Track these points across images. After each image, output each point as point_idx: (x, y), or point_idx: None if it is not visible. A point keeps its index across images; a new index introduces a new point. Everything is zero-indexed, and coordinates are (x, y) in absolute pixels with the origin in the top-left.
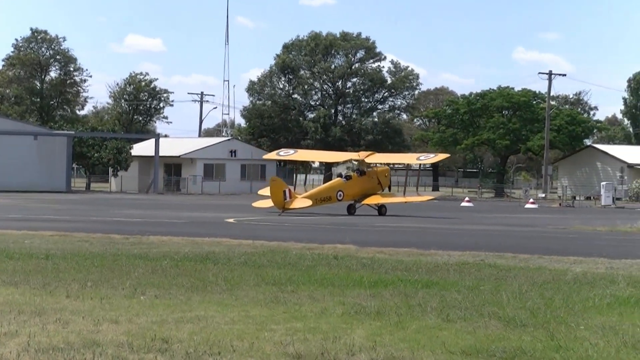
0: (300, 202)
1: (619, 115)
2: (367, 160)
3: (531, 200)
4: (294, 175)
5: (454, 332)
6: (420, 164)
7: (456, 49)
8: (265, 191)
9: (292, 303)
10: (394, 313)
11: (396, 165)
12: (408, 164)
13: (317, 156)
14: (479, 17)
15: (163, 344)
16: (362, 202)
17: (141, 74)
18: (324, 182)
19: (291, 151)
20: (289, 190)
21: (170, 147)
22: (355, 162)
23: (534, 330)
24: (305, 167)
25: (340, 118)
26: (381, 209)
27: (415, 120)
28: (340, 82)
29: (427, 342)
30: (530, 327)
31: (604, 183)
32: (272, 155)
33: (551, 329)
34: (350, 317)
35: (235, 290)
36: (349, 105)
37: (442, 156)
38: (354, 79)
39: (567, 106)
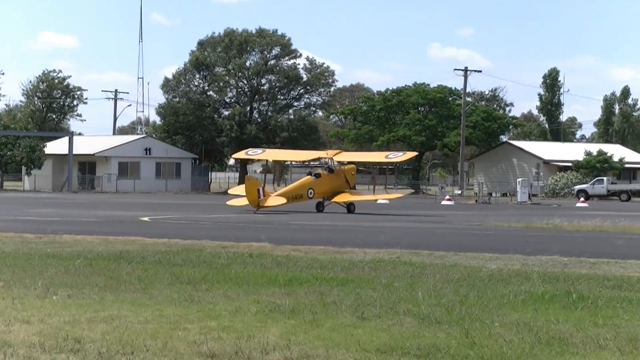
0: (275, 200)
1: (535, 112)
2: (336, 158)
3: (447, 197)
4: (209, 173)
5: (369, 330)
6: (388, 163)
7: (372, 46)
8: (236, 190)
9: (206, 302)
10: (308, 311)
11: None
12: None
13: (285, 155)
14: (394, 14)
15: (75, 344)
16: (332, 200)
17: (54, 71)
18: (239, 181)
19: (259, 150)
20: (263, 188)
21: (85, 145)
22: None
23: (448, 327)
24: (220, 164)
25: (256, 115)
26: (350, 207)
27: (331, 117)
28: (255, 79)
29: (342, 340)
30: (445, 324)
31: (519, 179)
32: (241, 154)
33: (466, 325)
34: (264, 315)
35: (149, 289)
36: (264, 103)
37: (410, 154)
38: (270, 76)
39: (483, 102)
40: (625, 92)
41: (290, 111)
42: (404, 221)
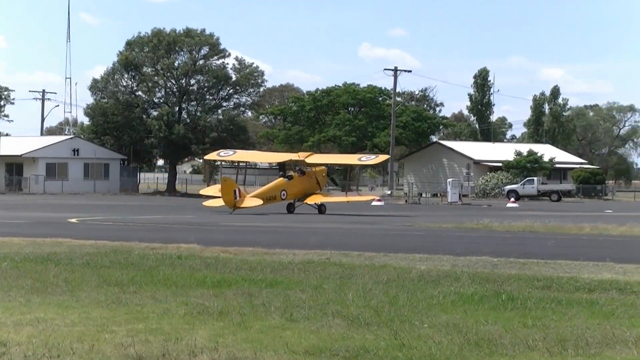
0: (251, 201)
1: (465, 112)
2: (308, 160)
3: (377, 197)
4: (138, 173)
5: (298, 332)
6: (360, 165)
7: (302, 46)
8: (208, 191)
9: (134, 304)
10: (237, 313)
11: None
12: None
13: (256, 157)
14: (325, 13)
15: (1, 347)
16: (304, 201)
17: None
18: (168, 182)
19: (230, 152)
20: (239, 189)
21: (12, 146)
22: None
23: (377, 328)
24: (149, 165)
25: (185, 116)
26: (321, 208)
27: (260, 117)
28: (184, 80)
29: (270, 342)
30: (374, 325)
31: (450, 180)
32: (213, 155)
33: (395, 327)
34: (192, 317)
35: (76, 291)
36: (193, 103)
37: (383, 157)
38: (198, 76)
39: (413, 103)
40: (555, 92)
41: (219, 111)
42: (334, 222)
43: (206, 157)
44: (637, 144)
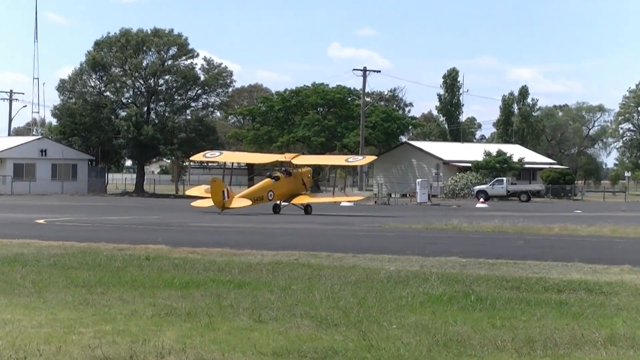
0: (240, 201)
1: (435, 112)
2: (294, 161)
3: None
4: (106, 174)
5: (266, 333)
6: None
7: (271, 46)
8: (194, 191)
9: (101, 305)
10: (205, 314)
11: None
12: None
13: (242, 158)
14: (294, 13)
15: None
16: (291, 202)
17: None
18: (136, 182)
19: (217, 153)
20: (228, 190)
21: None
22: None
23: (346, 329)
24: (117, 166)
25: (153, 116)
26: (307, 208)
27: (229, 117)
28: (152, 80)
29: (238, 343)
30: (343, 326)
31: (419, 180)
32: (199, 156)
33: (363, 328)
34: (160, 318)
35: (43, 292)
36: (161, 103)
37: (370, 158)
38: (167, 76)
39: (382, 103)
40: (524, 92)
41: (188, 112)
42: (303, 223)
43: (192, 157)
44: (607, 144)
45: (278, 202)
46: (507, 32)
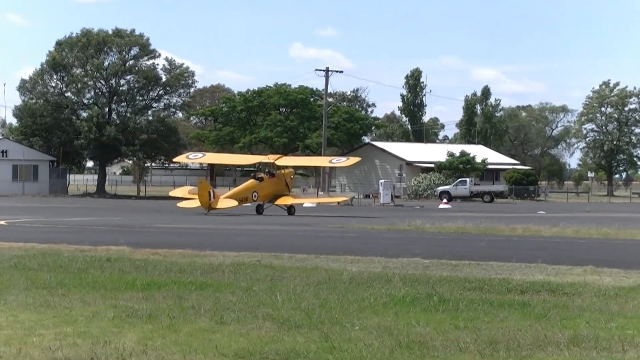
0: (226, 202)
1: (398, 113)
2: (278, 163)
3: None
4: (67, 175)
5: (227, 335)
6: (331, 167)
7: (234, 46)
8: (177, 192)
9: (62, 307)
10: (166, 316)
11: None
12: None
13: (225, 159)
14: (256, 13)
15: None
16: (274, 203)
17: None
18: (98, 183)
19: (200, 154)
20: (213, 191)
21: None
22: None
23: (308, 331)
24: (79, 167)
25: (115, 117)
26: (290, 209)
27: (191, 118)
28: (114, 80)
29: (200, 345)
30: (305, 328)
31: (382, 181)
32: (182, 158)
33: (326, 329)
34: (121, 320)
35: (3, 294)
36: (123, 104)
37: (354, 160)
38: (128, 77)
39: (344, 103)
40: (486, 92)
41: (150, 112)
42: (266, 224)
43: (175, 159)
44: (570, 145)
45: (261, 202)
46: (471, 33)
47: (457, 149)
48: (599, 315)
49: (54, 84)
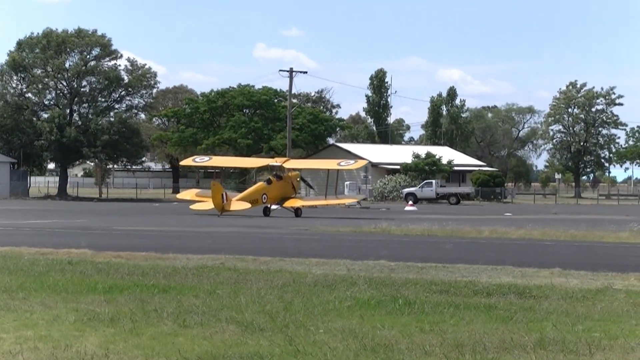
0: (239, 204)
1: (363, 114)
2: (285, 165)
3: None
4: (28, 177)
5: (190, 338)
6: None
7: (197, 46)
8: (185, 195)
9: (22, 310)
10: (128, 319)
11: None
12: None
13: (232, 162)
14: (219, 13)
15: None
16: (282, 205)
17: None
18: (59, 185)
19: (206, 158)
20: (226, 193)
21: None
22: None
23: (272, 334)
24: (40, 169)
25: (76, 118)
26: (297, 211)
27: (154, 119)
28: (75, 81)
29: (162, 348)
30: (269, 331)
31: (347, 183)
32: (189, 161)
33: (290, 333)
34: (83, 324)
35: None
36: (84, 105)
37: (362, 162)
38: (90, 78)
39: (309, 104)
40: (452, 93)
41: (112, 114)
42: (230, 226)
43: (181, 162)
44: (537, 146)
45: (269, 205)
46: (436, 33)
47: (422, 150)
48: (566, 318)
49: (14, 85)
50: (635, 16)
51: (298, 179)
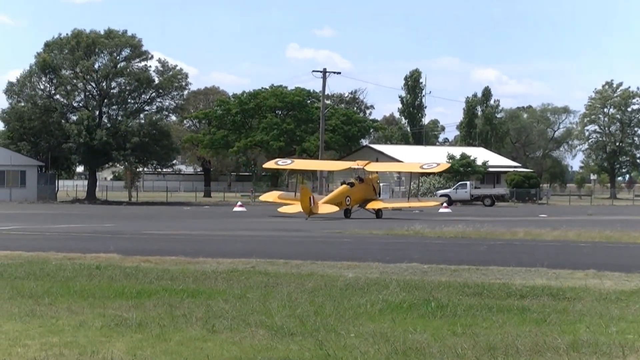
0: (327, 207)
1: (397, 114)
2: (367, 168)
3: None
4: (56, 181)
5: (219, 343)
6: (423, 172)
7: (229, 47)
8: (268, 197)
9: (48, 316)
10: (156, 324)
11: None
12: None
13: (314, 165)
14: (250, 13)
15: None
16: (365, 207)
17: None
18: (88, 189)
19: (288, 161)
20: (313, 197)
21: None
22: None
23: (302, 339)
24: (68, 172)
25: (105, 120)
26: (378, 213)
27: (184, 121)
28: (104, 82)
29: (190, 354)
30: (299, 335)
31: (381, 184)
32: (271, 164)
33: (320, 337)
34: (110, 329)
35: None
36: (114, 107)
37: (444, 165)
38: (120, 79)
39: (342, 105)
40: (487, 93)
41: (142, 116)
42: (261, 230)
43: (264, 165)
44: (572, 147)
45: (350, 207)
46: (471, 33)
47: (457, 151)
48: (600, 320)
49: (42, 87)
50: None
51: (377, 182)
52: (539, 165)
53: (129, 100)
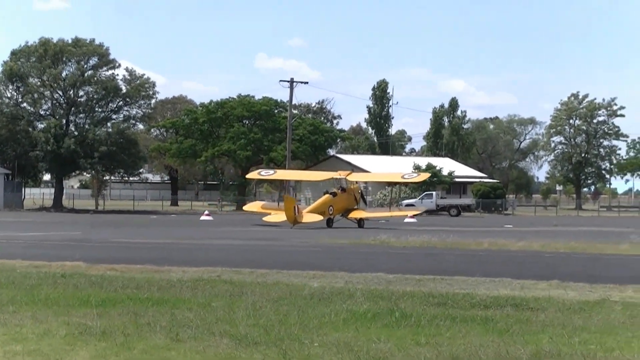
0: (311, 217)
1: (364, 124)
2: (349, 178)
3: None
4: (22, 188)
5: (183, 352)
6: (404, 182)
7: (197, 56)
8: (252, 207)
9: (12, 324)
10: (120, 333)
11: None
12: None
13: (297, 176)
14: (220, 22)
15: None
16: (347, 217)
17: None
18: (54, 197)
19: (271, 171)
20: (297, 206)
21: None
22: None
23: (266, 348)
24: (35, 180)
25: (73, 128)
26: (360, 222)
27: (152, 130)
28: (72, 91)
29: None
30: (263, 345)
31: None
32: (254, 174)
33: (284, 346)
34: (74, 338)
35: None
36: (81, 115)
37: (425, 175)
38: (87, 87)
39: (310, 115)
40: (454, 104)
41: (109, 124)
42: (230, 238)
43: (247, 176)
44: (538, 158)
45: (333, 217)
46: (438, 44)
47: (423, 161)
48: (562, 330)
49: (9, 95)
50: (638, 28)
51: (359, 191)
52: (505, 175)
53: (97, 109)
